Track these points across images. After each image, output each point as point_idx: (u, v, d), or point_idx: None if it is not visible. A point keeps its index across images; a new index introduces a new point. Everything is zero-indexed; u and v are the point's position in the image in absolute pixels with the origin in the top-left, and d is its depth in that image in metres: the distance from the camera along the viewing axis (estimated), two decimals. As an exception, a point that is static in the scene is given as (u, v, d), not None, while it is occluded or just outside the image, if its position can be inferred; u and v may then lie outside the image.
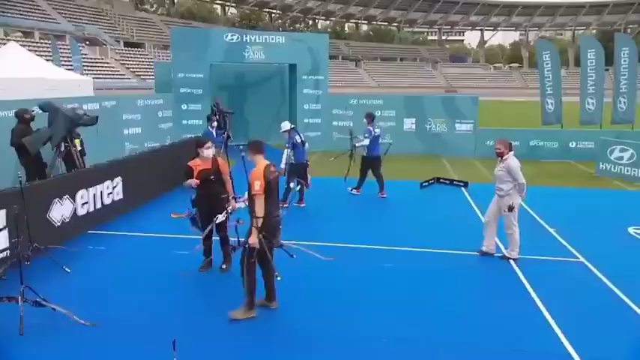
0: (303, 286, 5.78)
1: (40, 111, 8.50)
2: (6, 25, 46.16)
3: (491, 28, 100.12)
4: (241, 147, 5.41)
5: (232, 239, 5.59)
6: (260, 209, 4.83)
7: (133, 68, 51.75)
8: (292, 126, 9.43)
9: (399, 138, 16.22)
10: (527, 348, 4.58)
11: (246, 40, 15.42)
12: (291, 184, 9.15)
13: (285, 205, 9.50)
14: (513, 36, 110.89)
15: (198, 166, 5.99)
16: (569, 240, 7.51)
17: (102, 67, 48.20)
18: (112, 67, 49.97)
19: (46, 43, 43.45)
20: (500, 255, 6.89)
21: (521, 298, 5.61)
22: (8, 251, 5.78)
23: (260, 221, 4.81)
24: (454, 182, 11.50)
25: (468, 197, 10.39)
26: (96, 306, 5.09)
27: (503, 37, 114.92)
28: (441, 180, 11.55)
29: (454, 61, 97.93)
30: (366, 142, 10.31)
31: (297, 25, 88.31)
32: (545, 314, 5.19)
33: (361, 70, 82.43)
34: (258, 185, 4.81)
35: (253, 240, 4.80)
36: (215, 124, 10.81)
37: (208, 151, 6.03)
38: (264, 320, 4.97)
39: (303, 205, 9.56)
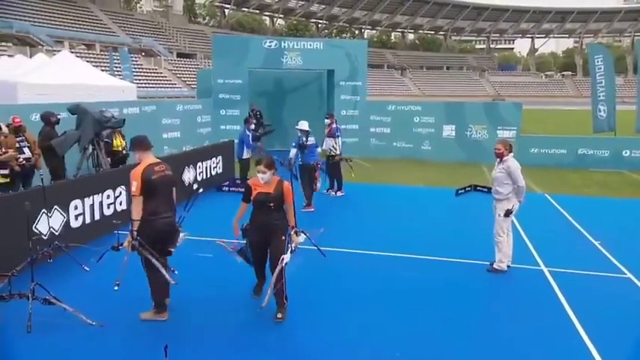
0: (320, 292, 5.48)
1: (68, 114, 8.64)
2: (71, 39, 48.72)
3: (543, 36, 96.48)
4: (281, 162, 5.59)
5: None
6: (136, 211, 4.52)
7: (184, 77, 53.27)
8: (308, 130, 9.37)
9: (438, 145, 15.73)
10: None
11: (285, 46, 15.36)
12: (318, 184, 9.23)
13: (310, 209, 9.31)
14: (566, 43, 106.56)
15: (257, 188, 4.85)
16: (615, 254, 6.81)
17: (155, 76, 49.89)
18: (165, 76, 51.63)
19: (105, 55, 45.48)
20: (488, 267, 6.26)
21: (556, 315, 5.06)
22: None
23: (136, 224, 4.51)
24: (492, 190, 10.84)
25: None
26: (107, 306, 4.98)
27: (556, 45, 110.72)
28: (478, 188, 10.93)
29: (503, 70, 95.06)
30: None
31: (344, 35, 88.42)
32: (581, 333, 4.64)
33: (406, 79, 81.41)
34: (134, 186, 4.51)
35: (126, 244, 4.57)
36: (252, 126, 10.80)
37: (264, 176, 4.78)
38: (270, 330, 4.70)
39: (312, 209, 9.18)
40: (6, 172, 7.15)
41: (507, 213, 6.10)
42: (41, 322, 4.49)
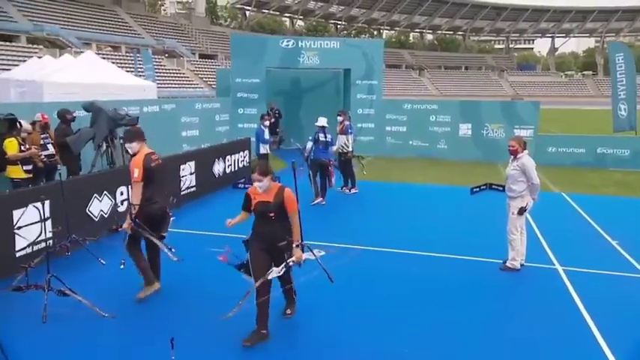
0: (330, 288, 5.40)
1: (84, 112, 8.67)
2: (98, 41, 49.59)
3: (563, 35, 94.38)
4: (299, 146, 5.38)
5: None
6: (136, 197, 4.88)
7: (205, 78, 53.68)
8: (325, 124, 9.47)
9: (454, 143, 15.48)
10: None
11: (302, 45, 15.29)
12: (334, 179, 9.31)
13: (322, 202, 9.28)
14: (587, 43, 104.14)
15: (257, 197, 4.35)
16: (633, 254, 6.58)
17: (178, 77, 50.39)
18: (187, 77, 52.10)
19: (130, 56, 46.12)
20: (501, 265, 6.10)
21: (569, 314, 4.90)
22: (46, 242, 5.87)
23: (136, 208, 4.87)
24: (505, 188, 10.61)
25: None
26: (120, 298, 5.01)
27: (576, 44, 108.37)
28: (494, 186, 10.70)
29: (522, 70, 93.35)
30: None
31: (362, 36, 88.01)
32: (595, 332, 4.48)
33: (424, 79, 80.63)
34: (136, 173, 4.84)
35: (126, 225, 4.93)
36: (267, 122, 10.79)
37: (260, 184, 4.26)
38: (279, 325, 4.64)
39: (322, 201, 9.33)
40: (29, 167, 7.25)
41: (521, 211, 5.94)
42: (56, 312, 4.52)
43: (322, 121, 9.48)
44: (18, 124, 6.75)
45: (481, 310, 5.00)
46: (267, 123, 10.79)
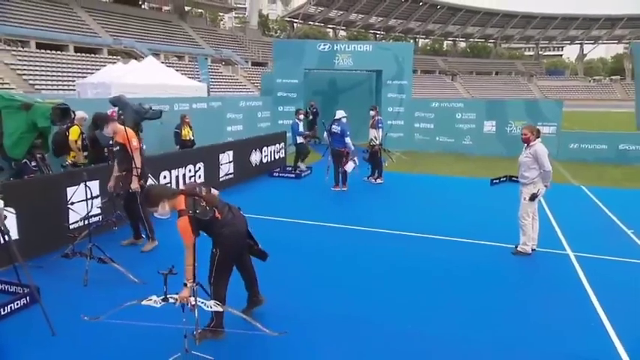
0: (346, 268, 5.18)
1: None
2: (166, 51, 51.14)
3: (592, 42, 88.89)
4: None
5: None
6: (138, 161, 5.44)
7: (256, 83, 54.15)
8: (341, 117, 9.23)
9: (479, 139, 14.79)
10: (575, 352, 3.54)
11: (337, 49, 15.04)
12: (346, 167, 8.98)
13: (343, 188, 9.03)
14: (616, 49, 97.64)
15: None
16: (649, 242, 5.96)
17: (232, 82, 51.22)
18: (240, 82, 52.83)
19: (192, 64, 47.30)
20: (513, 250, 5.66)
21: (577, 297, 4.46)
22: (97, 217, 5.96)
23: (139, 171, 5.44)
24: (518, 175, 9.97)
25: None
26: (151, 267, 4.97)
27: (605, 51, 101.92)
28: (513, 178, 10.05)
29: (551, 75, 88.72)
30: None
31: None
32: (603, 317, 4.03)
33: (456, 84, 78.11)
34: (135, 142, 5.44)
35: (135, 185, 5.42)
36: (302, 116, 10.73)
37: (157, 215, 3.51)
38: (286, 299, 4.46)
39: (343, 187, 9.10)
40: (86, 153, 7.40)
41: (533, 197, 5.50)
42: (95, 278, 4.54)
43: (338, 114, 9.26)
44: (72, 113, 6.79)
45: (491, 292, 4.64)
46: (301, 117, 10.72)
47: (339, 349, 3.54)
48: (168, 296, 3.25)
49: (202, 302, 3.28)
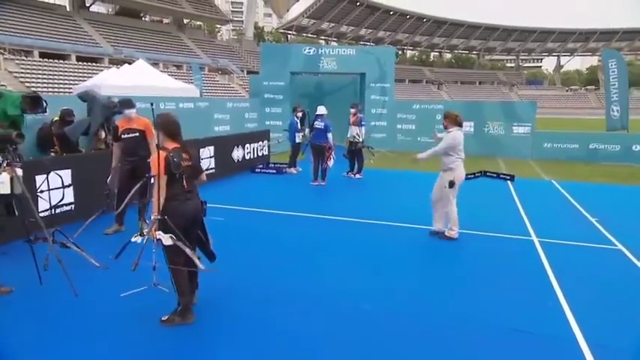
0: (311, 254, 4.96)
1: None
2: (165, 61, 50.85)
3: (568, 54, 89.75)
4: None
5: None
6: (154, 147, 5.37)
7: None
8: (323, 112, 9.06)
9: (457, 139, 14.67)
10: (528, 329, 3.33)
11: (322, 52, 14.90)
12: (330, 162, 8.74)
13: (321, 183, 8.81)
14: (590, 61, 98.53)
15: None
16: (610, 229, 5.80)
17: (228, 89, 51.01)
18: (236, 90, 52.59)
19: (190, 73, 47.05)
20: (439, 235, 5.48)
21: (538, 280, 4.26)
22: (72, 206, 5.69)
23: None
24: (500, 176, 9.83)
25: (512, 189, 8.74)
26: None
27: (581, 62, 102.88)
28: (488, 174, 9.93)
29: (530, 84, 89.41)
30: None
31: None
32: (560, 297, 3.84)
33: (442, 92, 78.40)
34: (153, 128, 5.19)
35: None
36: (300, 114, 10.50)
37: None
38: (264, 284, 4.23)
39: (321, 183, 8.84)
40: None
41: (451, 184, 5.30)
42: (56, 261, 4.27)
43: (320, 110, 9.06)
44: (44, 102, 6.33)
45: (453, 273, 4.44)
46: (299, 114, 10.47)
47: (308, 325, 3.32)
48: (144, 231, 3.69)
49: (161, 235, 3.21)
